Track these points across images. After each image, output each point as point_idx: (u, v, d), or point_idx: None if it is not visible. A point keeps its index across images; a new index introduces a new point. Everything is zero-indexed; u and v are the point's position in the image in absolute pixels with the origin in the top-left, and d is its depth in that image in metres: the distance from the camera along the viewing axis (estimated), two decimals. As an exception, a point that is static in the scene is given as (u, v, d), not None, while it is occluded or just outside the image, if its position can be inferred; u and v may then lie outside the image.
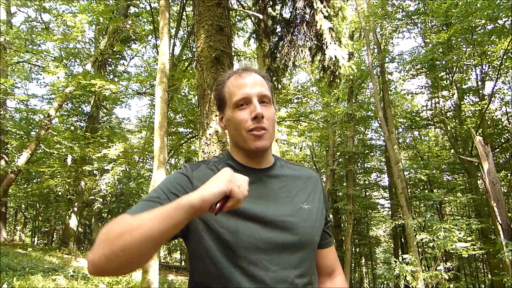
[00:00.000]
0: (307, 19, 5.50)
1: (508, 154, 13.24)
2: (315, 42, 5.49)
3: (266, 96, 0.99)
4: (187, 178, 0.96)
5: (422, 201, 16.32)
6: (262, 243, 0.89)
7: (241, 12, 10.76)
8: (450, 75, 13.02)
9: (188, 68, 12.13)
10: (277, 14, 6.21)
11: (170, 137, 13.26)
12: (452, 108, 14.18)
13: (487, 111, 12.39)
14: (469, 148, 12.16)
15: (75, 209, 14.55)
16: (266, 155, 1.03)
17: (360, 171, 20.19)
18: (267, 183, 1.00)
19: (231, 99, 1.00)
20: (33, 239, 23.33)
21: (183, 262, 24.35)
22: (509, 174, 13.52)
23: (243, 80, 1.00)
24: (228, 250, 0.88)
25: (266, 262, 0.88)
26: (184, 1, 11.76)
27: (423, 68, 13.81)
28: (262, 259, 0.88)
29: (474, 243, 6.99)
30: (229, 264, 0.87)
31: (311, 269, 0.98)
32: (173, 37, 12.57)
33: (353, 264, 19.66)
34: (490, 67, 12.87)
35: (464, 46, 12.45)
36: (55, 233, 24.20)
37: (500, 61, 11.25)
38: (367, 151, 18.36)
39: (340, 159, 17.18)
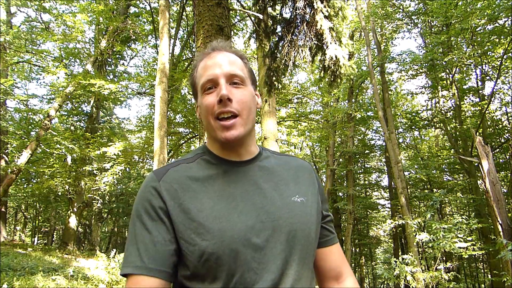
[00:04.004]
0: (307, 19, 5.49)
1: (508, 154, 13.23)
2: (315, 42, 5.48)
3: (236, 76, 0.86)
4: (157, 193, 0.82)
5: (422, 201, 16.32)
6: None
7: (241, 12, 10.76)
8: (450, 75, 13.01)
9: (188, 68, 12.12)
10: (277, 14, 6.20)
11: (170, 137, 13.25)
12: (452, 108, 14.17)
13: (487, 111, 12.38)
14: (469, 148, 12.16)
15: (75, 209, 14.55)
16: (245, 145, 0.90)
17: (360, 171, 20.20)
18: (249, 177, 0.87)
19: (199, 83, 0.89)
20: (33, 239, 23.32)
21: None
22: (509, 174, 13.51)
23: (211, 61, 0.88)
24: None
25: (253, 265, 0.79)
26: (184, 1, 11.76)
27: (423, 68, 13.81)
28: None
29: (474, 243, 6.98)
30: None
31: (306, 272, 0.84)
32: (173, 37, 12.57)
33: (353, 264, 19.66)
34: (490, 67, 12.87)
35: (464, 46, 12.45)
36: (55, 233, 24.21)
37: (500, 61, 11.25)
38: (367, 151, 18.36)
39: (340, 159, 17.18)
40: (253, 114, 0.89)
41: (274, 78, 6.14)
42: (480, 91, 13.98)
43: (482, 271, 18.79)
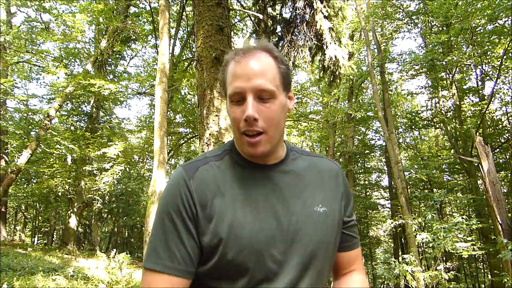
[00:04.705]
0: (307, 19, 5.50)
1: (508, 154, 13.23)
2: (315, 42, 5.49)
3: (265, 91, 0.80)
4: (188, 193, 0.82)
5: (422, 201, 16.32)
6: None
7: (241, 12, 10.76)
8: (450, 75, 13.02)
9: (188, 68, 12.13)
10: (277, 14, 6.20)
11: (170, 137, 13.25)
12: (452, 108, 14.18)
13: (487, 111, 12.38)
14: (469, 148, 12.16)
15: (75, 209, 14.55)
16: (272, 153, 0.89)
17: (360, 171, 20.20)
18: (273, 183, 0.86)
19: (227, 90, 0.86)
20: (33, 239, 23.32)
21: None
22: (509, 174, 13.51)
23: (239, 69, 0.82)
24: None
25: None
26: (184, 1, 11.76)
27: (423, 68, 13.82)
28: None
29: (474, 243, 6.98)
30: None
31: (320, 283, 0.86)
32: (173, 37, 12.57)
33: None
34: (490, 67, 12.87)
35: (464, 46, 12.45)
36: (55, 233, 24.21)
37: (500, 61, 11.25)
38: (367, 151, 18.36)
39: (340, 159, 17.18)
40: (282, 126, 0.86)
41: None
42: (480, 91, 13.98)
43: (482, 271, 18.79)
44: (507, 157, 13.66)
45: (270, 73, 0.82)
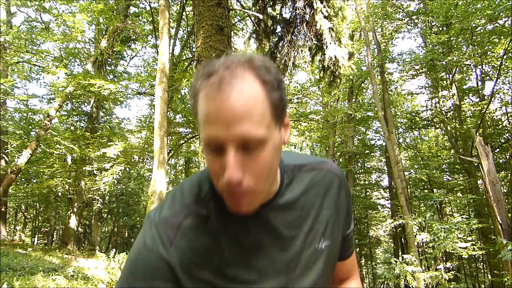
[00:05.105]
0: (307, 19, 5.50)
1: (508, 154, 13.23)
2: (315, 42, 5.49)
3: (250, 141, 0.57)
4: (167, 268, 0.64)
5: (422, 201, 16.33)
6: None
7: (241, 12, 10.76)
8: (450, 75, 13.02)
9: (188, 68, 12.12)
10: (277, 14, 6.21)
11: (170, 137, 13.25)
12: (452, 108, 14.19)
13: (487, 111, 12.39)
14: (469, 148, 12.16)
15: (75, 209, 14.55)
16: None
17: (360, 171, 20.21)
18: (269, 225, 0.70)
19: (200, 130, 0.62)
20: (33, 239, 23.33)
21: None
22: (509, 174, 13.51)
23: (213, 109, 0.57)
24: None
25: None
26: (184, 1, 11.76)
27: (423, 68, 13.83)
28: None
29: (474, 243, 6.98)
30: None
31: None
32: (173, 37, 12.58)
33: (353, 264, 19.63)
34: (490, 67, 12.87)
35: (464, 46, 12.46)
36: (55, 233, 24.22)
37: (500, 61, 11.26)
38: (367, 151, 18.37)
39: (340, 159, 17.19)
40: (275, 170, 0.66)
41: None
42: (480, 91, 13.99)
43: (482, 271, 18.79)
44: (507, 157, 13.67)
45: (258, 111, 0.58)
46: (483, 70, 13.37)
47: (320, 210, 0.76)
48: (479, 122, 12.13)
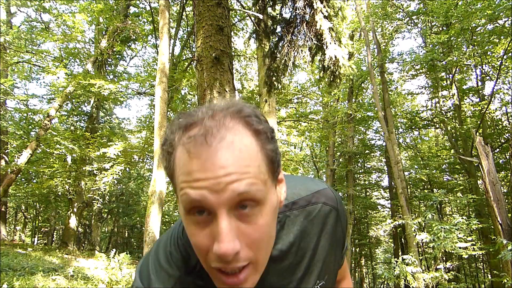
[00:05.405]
0: (307, 19, 5.50)
1: (508, 154, 13.24)
2: (315, 42, 5.49)
3: (248, 197, 0.49)
4: None
5: (422, 201, 16.33)
6: None
7: (241, 12, 10.76)
8: (450, 75, 13.03)
9: (188, 68, 12.13)
10: (277, 14, 6.20)
11: (170, 137, 13.24)
12: (452, 108, 14.19)
13: (487, 111, 12.39)
14: (469, 148, 12.16)
15: (75, 209, 14.56)
16: None
17: (360, 171, 20.21)
18: (264, 282, 0.60)
19: (178, 190, 0.51)
20: (33, 239, 23.34)
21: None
22: (509, 174, 13.51)
23: (202, 161, 0.48)
24: None
25: None
26: (184, 1, 11.77)
27: (423, 68, 13.83)
28: None
29: (474, 243, 6.99)
30: None
31: None
32: (173, 37, 12.58)
33: (353, 264, 19.67)
34: (490, 67, 12.88)
35: (464, 46, 12.47)
36: (55, 233, 24.23)
37: (500, 61, 11.26)
38: (367, 151, 18.38)
39: (340, 159, 17.19)
40: (273, 238, 0.57)
41: (274, 78, 6.15)
42: (480, 91, 13.99)
43: (482, 271, 18.79)
44: (507, 157, 13.67)
45: (254, 167, 0.49)
46: (483, 70, 13.37)
47: (315, 250, 0.68)
48: (479, 122, 12.13)
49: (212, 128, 0.48)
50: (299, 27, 5.68)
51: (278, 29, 6.21)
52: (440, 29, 13.14)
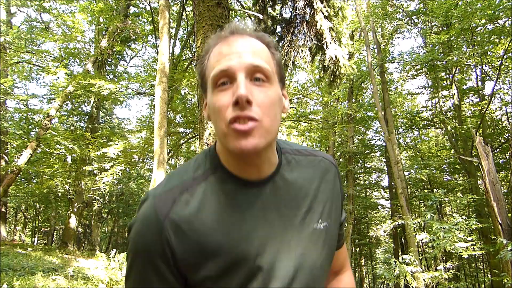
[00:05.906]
0: (307, 19, 5.50)
1: (508, 154, 13.23)
2: (315, 42, 5.49)
3: (260, 70, 0.65)
4: (164, 240, 0.65)
5: (422, 201, 16.33)
6: None
7: (241, 12, 10.76)
8: (450, 75, 13.02)
9: (188, 68, 12.13)
10: (277, 14, 6.20)
11: (170, 137, 13.26)
12: (452, 108, 14.19)
13: (487, 111, 12.39)
14: (469, 148, 12.16)
15: (75, 209, 14.55)
16: (267, 158, 0.70)
17: (360, 171, 20.21)
18: (270, 203, 0.70)
19: (209, 75, 0.68)
20: (33, 239, 23.33)
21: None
22: (509, 174, 13.51)
23: (228, 47, 0.66)
24: None
25: None
26: (184, 1, 11.77)
27: (423, 68, 13.83)
28: None
29: (474, 243, 6.99)
30: None
31: None
32: (173, 37, 12.58)
33: (353, 264, 19.67)
34: (490, 67, 12.88)
35: (464, 46, 12.47)
36: (55, 233, 24.22)
37: (500, 61, 11.26)
38: (367, 151, 18.38)
39: (340, 159, 17.19)
40: (278, 122, 0.68)
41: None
42: (480, 91, 13.99)
43: (482, 271, 18.78)
44: (507, 157, 13.67)
45: (265, 54, 0.68)
46: (483, 70, 13.37)
47: (317, 192, 0.77)
48: (479, 122, 12.13)
49: (238, 31, 0.69)
50: (299, 27, 5.68)
51: (278, 29, 6.22)
52: (440, 29, 13.13)
